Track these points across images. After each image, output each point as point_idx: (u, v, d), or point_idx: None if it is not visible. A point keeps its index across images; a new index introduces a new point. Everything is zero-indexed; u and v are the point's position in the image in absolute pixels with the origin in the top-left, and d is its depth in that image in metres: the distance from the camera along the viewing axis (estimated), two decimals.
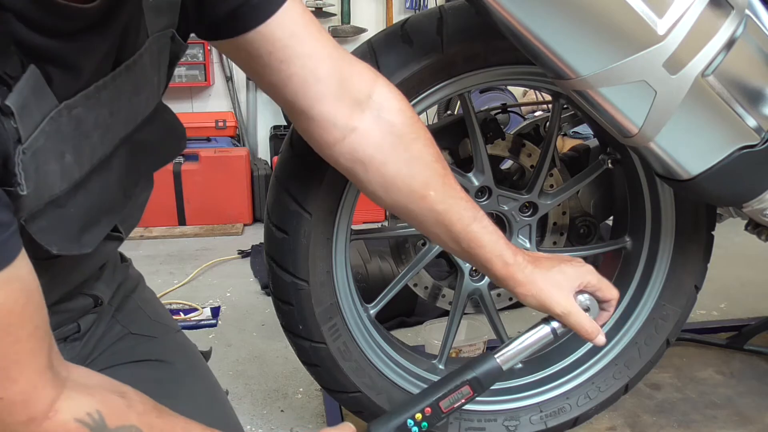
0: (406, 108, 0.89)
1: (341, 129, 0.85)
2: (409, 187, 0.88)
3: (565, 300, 0.91)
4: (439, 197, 0.89)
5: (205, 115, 3.69)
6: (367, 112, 0.85)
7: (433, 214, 0.90)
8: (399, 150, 0.87)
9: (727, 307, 2.16)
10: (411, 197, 0.89)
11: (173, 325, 1.00)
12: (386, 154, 0.87)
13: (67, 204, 0.65)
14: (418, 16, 1.12)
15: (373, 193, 0.91)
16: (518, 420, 1.31)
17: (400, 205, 0.91)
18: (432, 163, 0.89)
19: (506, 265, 0.91)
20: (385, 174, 0.88)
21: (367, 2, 3.83)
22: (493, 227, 0.92)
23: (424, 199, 0.89)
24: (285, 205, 1.09)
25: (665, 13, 0.87)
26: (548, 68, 0.94)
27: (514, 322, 2.02)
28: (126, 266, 0.98)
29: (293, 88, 0.81)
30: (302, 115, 0.85)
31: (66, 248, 0.66)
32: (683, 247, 1.30)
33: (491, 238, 0.91)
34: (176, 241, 3.17)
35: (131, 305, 0.95)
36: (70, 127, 0.62)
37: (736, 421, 1.47)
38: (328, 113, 0.83)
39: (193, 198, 3.37)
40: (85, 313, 0.86)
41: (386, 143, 0.86)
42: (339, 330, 1.17)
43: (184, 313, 2.19)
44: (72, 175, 0.64)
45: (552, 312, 0.92)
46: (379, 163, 0.87)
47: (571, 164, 1.41)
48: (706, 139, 0.97)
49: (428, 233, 0.94)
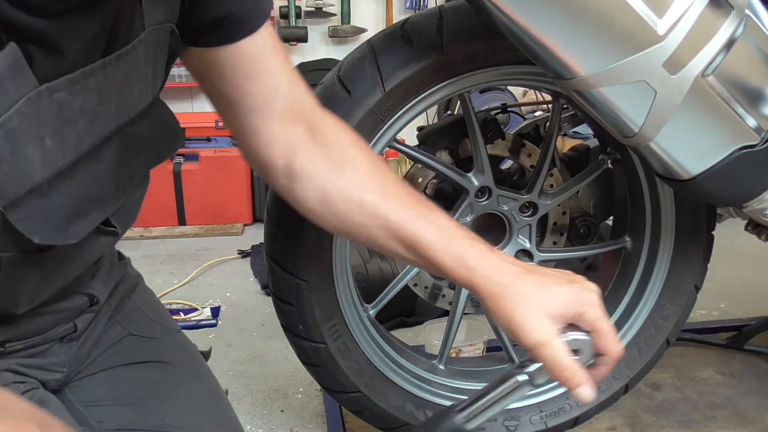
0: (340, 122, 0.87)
1: (282, 146, 0.83)
2: (343, 194, 0.82)
3: (543, 327, 0.68)
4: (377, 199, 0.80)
5: (205, 115, 3.68)
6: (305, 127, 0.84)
7: (375, 221, 0.80)
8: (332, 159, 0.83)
9: (727, 307, 2.16)
10: (348, 205, 0.82)
11: (173, 326, 0.99)
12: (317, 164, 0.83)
13: (50, 193, 0.62)
14: (418, 16, 1.12)
15: (312, 211, 0.85)
16: (518, 420, 1.31)
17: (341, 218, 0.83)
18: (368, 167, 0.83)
19: (470, 270, 0.73)
20: (320, 185, 0.83)
21: (367, 2, 3.83)
22: (453, 225, 0.77)
23: (361, 204, 0.81)
24: (285, 205, 1.09)
25: (665, 13, 0.87)
26: (548, 68, 0.94)
27: None
28: (123, 264, 0.97)
29: (249, 103, 0.80)
30: (250, 132, 0.82)
31: (50, 238, 0.63)
32: (683, 247, 1.30)
33: (447, 236, 0.75)
34: (176, 241, 3.17)
35: (130, 305, 0.94)
36: (52, 111, 0.59)
37: (736, 421, 1.47)
38: (275, 131, 0.82)
39: (193, 198, 3.37)
40: (81, 313, 0.85)
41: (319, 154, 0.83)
42: (339, 330, 1.17)
43: (184, 313, 2.19)
44: (54, 162, 0.61)
45: (518, 340, 0.70)
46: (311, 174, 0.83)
47: (571, 164, 1.41)
48: (706, 139, 0.97)
49: (379, 246, 0.82)
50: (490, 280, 0.72)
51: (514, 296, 0.70)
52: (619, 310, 1.37)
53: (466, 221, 1.24)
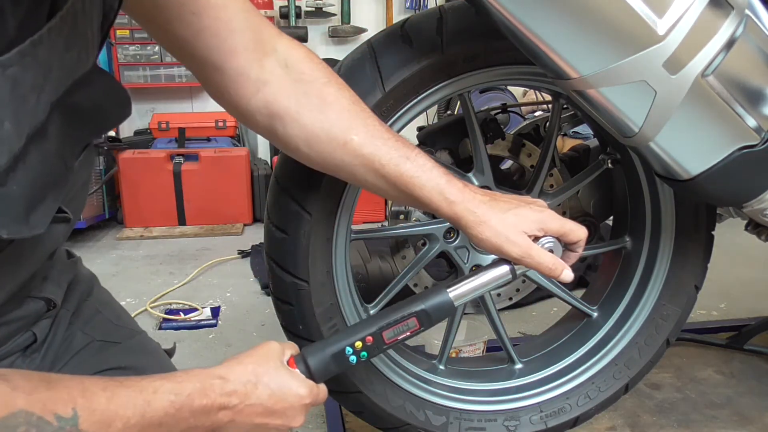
0: (312, 56, 0.86)
1: (254, 82, 0.81)
2: (328, 134, 0.84)
3: (523, 241, 0.84)
4: (362, 140, 0.84)
5: (205, 115, 3.69)
6: (276, 63, 0.83)
7: (360, 160, 0.84)
8: (311, 96, 0.84)
9: (727, 307, 2.16)
10: (333, 145, 0.84)
11: (136, 328, 0.95)
12: (299, 102, 0.83)
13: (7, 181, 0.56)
14: (418, 16, 1.12)
15: (297, 150, 0.87)
16: (518, 420, 1.30)
17: (326, 157, 0.86)
18: (349, 106, 0.85)
19: (451, 203, 0.85)
20: (303, 124, 0.83)
21: (367, 2, 3.84)
22: (432, 164, 0.86)
23: (346, 144, 0.84)
24: (285, 205, 1.09)
25: (665, 13, 0.87)
26: (548, 68, 0.94)
27: (514, 322, 2.02)
28: (74, 263, 0.92)
29: (205, 41, 0.77)
30: (215, 71, 0.80)
31: (15, 231, 0.58)
32: (683, 247, 1.30)
33: (429, 175, 0.85)
34: (176, 241, 3.18)
35: (90, 310, 0.90)
36: (6, 89, 0.53)
37: (736, 421, 1.47)
38: (241, 67, 0.80)
39: (193, 198, 3.37)
40: (38, 319, 0.81)
41: (298, 91, 0.83)
42: (339, 330, 1.17)
43: (184, 313, 2.19)
44: (11, 147, 0.55)
45: (509, 256, 0.86)
46: (294, 113, 0.83)
47: (571, 164, 1.41)
48: (706, 139, 0.97)
49: (366, 185, 0.88)
50: (470, 211, 0.85)
51: (492, 222, 0.85)
52: (619, 310, 1.37)
53: None
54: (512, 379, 1.34)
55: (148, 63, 3.51)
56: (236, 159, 3.40)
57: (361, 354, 0.84)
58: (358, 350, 0.83)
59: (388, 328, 0.84)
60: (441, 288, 0.87)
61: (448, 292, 0.86)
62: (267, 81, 0.82)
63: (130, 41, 3.48)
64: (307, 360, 0.81)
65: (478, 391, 1.31)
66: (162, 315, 2.17)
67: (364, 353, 0.84)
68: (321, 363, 0.81)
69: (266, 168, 3.53)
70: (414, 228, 1.24)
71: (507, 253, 0.85)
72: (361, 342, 0.84)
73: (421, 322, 0.85)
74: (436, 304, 0.86)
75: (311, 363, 0.80)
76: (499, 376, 1.35)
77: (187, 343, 1.96)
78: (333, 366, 0.82)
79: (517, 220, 0.85)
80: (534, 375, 1.35)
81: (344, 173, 0.88)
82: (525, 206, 0.87)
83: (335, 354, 0.82)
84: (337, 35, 3.72)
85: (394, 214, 1.29)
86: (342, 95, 0.86)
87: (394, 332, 0.85)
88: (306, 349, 0.82)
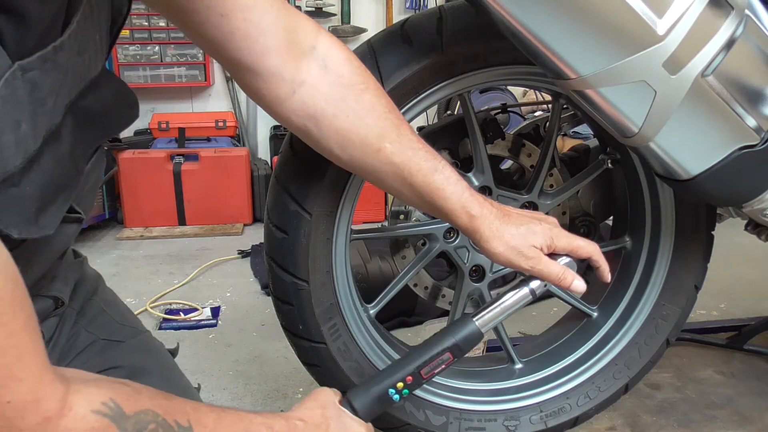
0: (352, 58, 0.86)
1: (290, 83, 0.81)
2: (363, 140, 0.85)
3: (534, 254, 0.89)
4: (395, 149, 0.86)
5: (205, 115, 3.69)
6: (314, 63, 0.82)
7: (391, 167, 0.87)
8: (349, 101, 0.84)
9: (727, 307, 2.16)
10: (366, 151, 0.86)
11: (140, 327, 0.96)
12: (337, 106, 0.83)
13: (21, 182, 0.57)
14: (418, 16, 1.12)
15: (329, 151, 0.87)
16: (518, 420, 1.31)
17: (356, 161, 0.87)
18: (385, 114, 0.86)
19: (471, 217, 0.89)
20: (338, 128, 0.84)
21: (367, 2, 3.84)
22: (456, 177, 0.89)
23: (379, 152, 0.86)
24: (285, 205, 1.09)
25: (665, 13, 0.87)
26: (548, 68, 0.94)
27: (514, 322, 2.02)
28: (80, 262, 0.93)
29: (236, 43, 0.76)
30: (248, 72, 0.80)
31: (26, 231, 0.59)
32: (683, 247, 1.30)
33: (454, 189, 0.88)
34: (176, 241, 3.18)
35: (95, 309, 0.91)
36: (25, 92, 0.54)
37: (736, 421, 1.47)
38: (275, 67, 0.79)
39: (193, 198, 3.37)
40: (46, 318, 0.81)
41: (336, 95, 0.83)
42: (339, 330, 1.17)
43: (184, 313, 2.19)
44: (27, 149, 0.56)
45: (520, 268, 0.90)
46: (330, 116, 0.83)
47: (571, 164, 1.41)
48: (706, 139, 0.97)
49: (389, 189, 0.91)
50: (486, 226, 0.89)
51: (505, 237, 0.89)
52: (619, 310, 1.37)
53: None
54: (512, 379, 1.34)
55: (148, 63, 3.51)
56: (236, 159, 3.40)
57: (403, 392, 0.90)
58: (400, 390, 0.90)
59: (425, 366, 0.91)
60: (467, 318, 0.93)
61: (475, 322, 0.92)
62: (303, 82, 0.81)
63: (130, 41, 3.48)
64: (352, 403, 0.88)
65: (478, 391, 1.31)
66: (162, 315, 2.17)
67: (406, 391, 0.91)
68: (366, 405, 0.89)
69: (266, 168, 3.53)
70: (414, 228, 1.24)
71: (518, 265, 0.90)
72: (402, 382, 0.90)
73: (454, 354, 0.91)
74: (466, 336, 0.92)
75: (357, 405, 0.88)
76: (499, 376, 1.35)
77: (187, 343, 1.96)
78: (377, 407, 0.90)
79: (528, 234, 0.90)
80: (534, 375, 1.35)
81: (372, 177, 0.90)
82: (537, 222, 0.92)
83: (380, 396, 0.89)
84: (337, 35, 3.71)
85: (394, 214, 1.29)
86: (379, 102, 0.86)
87: (430, 368, 0.91)
88: (351, 392, 0.89)
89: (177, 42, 3.50)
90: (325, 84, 0.83)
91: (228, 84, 3.78)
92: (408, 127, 0.88)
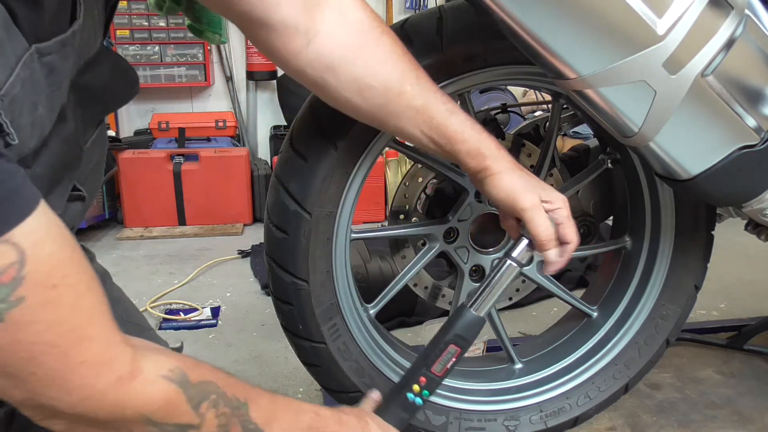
0: (363, 2, 0.84)
1: (304, 34, 0.78)
2: (384, 84, 0.83)
3: (535, 198, 0.90)
4: (415, 91, 0.85)
5: (205, 115, 3.69)
6: (328, 11, 0.80)
7: (412, 111, 0.86)
8: (369, 47, 0.82)
9: (727, 307, 2.16)
10: (388, 96, 0.84)
11: (146, 324, 0.97)
12: (356, 53, 0.81)
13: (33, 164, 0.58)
14: (418, 16, 1.12)
15: (347, 102, 0.85)
16: (518, 420, 1.31)
17: (377, 108, 0.86)
18: (404, 56, 0.85)
19: (484, 157, 0.90)
20: (357, 75, 0.82)
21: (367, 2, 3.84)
22: (472, 120, 0.91)
23: (401, 95, 0.85)
24: (285, 205, 1.09)
25: (665, 13, 0.87)
26: (548, 68, 0.94)
27: (514, 322, 2.02)
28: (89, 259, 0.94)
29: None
30: (261, 27, 0.77)
31: None
32: (683, 247, 1.30)
33: (471, 132, 0.89)
34: (176, 241, 3.17)
35: None
36: (42, 74, 0.55)
37: (736, 421, 1.47)
38: (288, 18, 0.77)
39: (193, 198, 3.37)
40: None
41: (354, 42, 0.81)
42: (339, 330, 1.17)
43: (184, 313, 2.19)
44: (42, 131, 0.57)
45: (517, 205, 0.90)
46: (349, 64, 0.81)
47: (571, 164, 1.41)
48: (706, 139, 0.97)
49: (406, 134, 0.90)
50: (498, 161, 0.90)
51: (514, 176, 0.91)
52: (619, 310, 1.37)
53: (465, 221, 1.24)
54: (512, 379, 1.34)
55: (148, 63, 3.51)
56: (236, 159, 3.40)
57: (423, 393, 0.92)
58: (418, 392, 0.92)
59: (434, 364, 0.92)
60: (462, 308, 0.94)
61: (471, 309, 0.93)
62: (318, 31, 0.79)
63: (130, 41, 3.49)
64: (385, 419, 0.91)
65: (478, 391, 1.31)
66: (162, 315, 2.17)
67: (426, 392, 0.92)
68: (395, 416, 0.91)
69: (266, 168, 3.53)
70: (414, 228, 1.24)
71: (519, 201, 0.90)
72: (417, 385, 0.92)
73: (459, 345, 0.92)
74: (465, 325, 0.93)
75: (389, 421, 0.90)
76: (499, 376, 1.35)
77: (188, 343, 1.96)
78: (405, 414, 0.92)
79: (538, 186, 0.92)
80: (534, 375, 1.35)
81: (391, 124, 0.89)
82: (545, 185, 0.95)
83: (403, 404, 0.92)
84: None
85: (394, 214, 1.29)
86: (397, 44, 0.86)
87: (441, 364, 0.92)
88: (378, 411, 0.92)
89: (177, 42, 3.51)
90: (343, 31, 0.81)
91: (228, 84, 3.78)
92: (422, 70, 0.88)
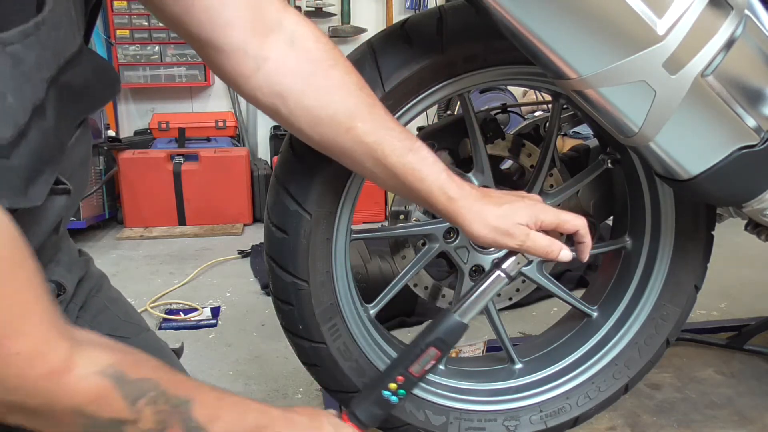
0: (320, 35, 0.84)
1: (254, 58, 0.79)
2: (332, 118, 0.82)
3: (519, 231, 0.87)
4: (367, 128, 0.83)
5: (205, 115, 3.69)
6: (280, 39, 0.80)
7: (363, 147, 0.84)
8: (317, 77, 0.82)
9: (727, 307, 2.16)
10: (337, 130, 0.83)
11: (143, 325, 0.97)
12: (305, 83, 0.81)
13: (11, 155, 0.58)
14: (418, 16, 1.12)
15: (300, 131, 0.85)
16: (518, 420, 1.30)
17: (327, 141, 0.85)
18: (356, 91, 0.84)
19: (450, 200, 0.86)
20: (307, 106, 0.82)
21: (367, 2, 3.83)
22: (433, 158, 0.87)
23: (350, 131, 0.83)
24: (285, 205, 1.09)
25: (665, 13, 0.87)
26: (548, 68, 0.94)
27: (514, 322, 2.02)
28: (86, 261, 0.93)
29: (197, 16, 0.75)
30: (211, 48, 0.78)
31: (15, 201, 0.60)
32: (683, 247, 1.30)
33: (431, 170, 0.85)
34: (176, 241, 3.18)
35: (98, 305, 0.91)
36: (7, 65, 0.55)
37: (736, 421, 1.47)
38: (238, 42, 0.77)
39: (193, 198, 3.37)
40: None
41: (303, 71, 0.81)
42: (339, 330, 1.17)
43: (184, 313, 2.19)
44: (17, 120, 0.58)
45: (507, 247, 0.89)
46: (298, 93, 0.81)
47: (571, 164, 1.41)
48: (706, 139, 0.97)
49: (363, 171, 0.89)
50: (467, 208, 0.87)
51: (488, 218, 0.87)
52: (619, 310, 1.37)
53: None
54: (512, 379, 1.34)
55: (148, 63, 3.51)
56: (236, 159, 3.40)
57: (399, 392, 0.92)
58: (395, 391, 0.91)
59: (413, 364, 0.92)
60: (446, 312, 0.94)
61: (454, 314, 0.93)
62: (268, 57, 0.79)
63: (130, 41, 3.48)
64: (356, 413, 0.91)
65: (478, 391, 1.31)
66: (162, 315, 2.17)
67: (402, 391, 0.92)
68: (368, 412, 0.91)
69: (266, 168, 3.53)
70: (414, 228, 1.24)
71: (505, 245, 0.88)
72: (395, 383, 0.91)
73: (439, 349, 0.92)
74: (446, 329, 0.92)
75: (360, 415, 0.90)
76: (499, 376, 1.35)
77: (187, 343, 1.95)
78: (378, 410, 0.92)
79: (512, 212, 0.88)
80: (534, 375, 1.35)
81: (345, 158, 0.88)
82: (518, 199, 0.91)
83: (377, 401, 0.91)
84: (337, 35, 3.72)
85: (394, 214, 1.29)
86: (349, 79, 0.84)
87: (419, 365, 0.92)
88: (351, 404, 0.92)
89: (177, 42, 3.50)
90: (292, 60, 0.81)
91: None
92: (381, 106, 0.86)
